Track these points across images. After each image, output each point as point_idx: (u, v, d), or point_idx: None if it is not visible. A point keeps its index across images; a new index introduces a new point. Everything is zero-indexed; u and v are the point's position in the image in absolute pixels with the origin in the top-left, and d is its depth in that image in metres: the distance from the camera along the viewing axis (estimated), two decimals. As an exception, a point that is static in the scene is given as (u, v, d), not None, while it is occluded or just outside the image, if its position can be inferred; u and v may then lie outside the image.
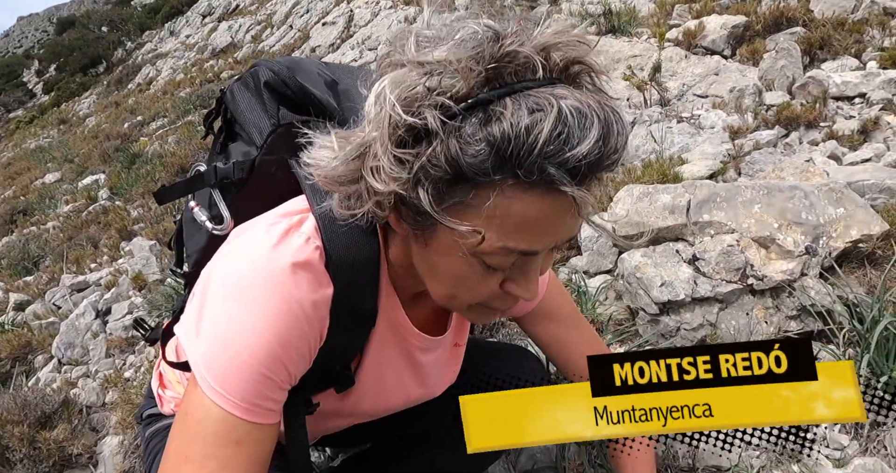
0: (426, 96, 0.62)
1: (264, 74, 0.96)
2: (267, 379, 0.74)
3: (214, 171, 0.94)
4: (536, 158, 0.61)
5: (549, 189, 0.63)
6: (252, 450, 0.76)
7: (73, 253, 4.19)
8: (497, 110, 0.61)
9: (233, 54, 12.39)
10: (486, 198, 0.64)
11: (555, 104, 0.60)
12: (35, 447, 1.91)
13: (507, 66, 0.62)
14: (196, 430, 0.74)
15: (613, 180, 2.77)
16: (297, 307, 0.75)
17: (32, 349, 2.79)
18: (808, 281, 1.75)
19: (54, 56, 32.07)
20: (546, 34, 0.64)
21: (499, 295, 0.78)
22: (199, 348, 0.75)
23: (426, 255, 0.76)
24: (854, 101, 3.07)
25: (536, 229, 0.68)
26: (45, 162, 9.44)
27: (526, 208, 0.65)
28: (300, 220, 0.80)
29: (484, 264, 0.72)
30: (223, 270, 0.77)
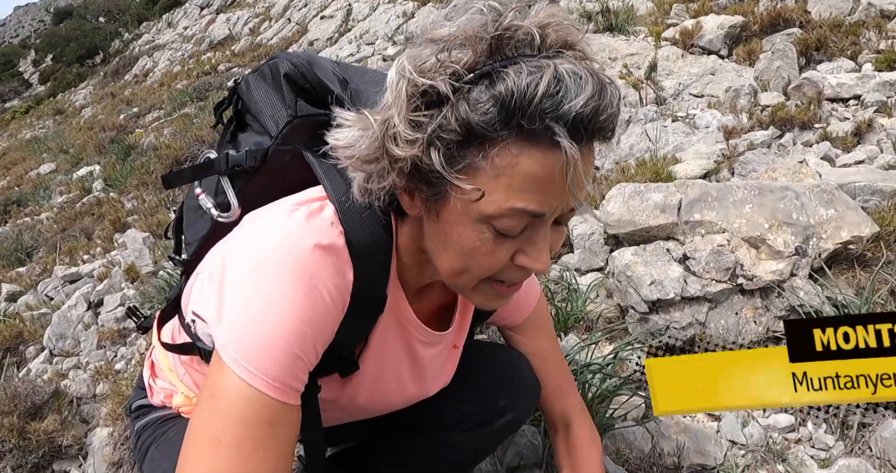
0: (438, 66, 0.68)
1: (284, 66, 0.97)
2: (298, 359, 0.76)
3: (226, 159, 0.94)
4: (537, 109, 0.66)
5: (551, 145, 0.68)
6: (284, 432, 0.77)
7: (66, 245, 4.18)
8: (502, 73, 0.67)
9: (230, 47, 12.34)
10: (494, 155, 0.69)
11: (552, 65, 0.67)
12: (25, 438, 1.91)
13: (509, 40, 0.68)
14: (228, 412, 0.74)
15: (607, 178, 2.78)
16: (324, 288, 0.77)
17: (24, 340, 2.79)
18: (797, 282, 1.76)
19: (51, 46, 31.88)
20: (542, 14, 0.70)
21: (509, 268, 0.79)
22: (227, 330, 0.76)
23: (438, 229, 0.78)
24: (849, 103, 3.08)
25: (542, 188, 0.71)
26: (41, 152, 9.40)
27: (531, 164, 0.69)
28: (320, 207, 0.82)
29: (494, 231, 0.74)
30: (245, 253, 0.78)
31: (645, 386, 1.71)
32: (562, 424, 1.22)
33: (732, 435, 1.55)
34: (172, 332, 1.07)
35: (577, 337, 1.89)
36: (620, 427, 1.55)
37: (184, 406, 1.08)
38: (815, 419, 1.54)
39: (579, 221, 2.28)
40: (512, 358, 1.20)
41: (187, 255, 1.08)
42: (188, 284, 1.01)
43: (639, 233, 2.01)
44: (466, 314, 1.08)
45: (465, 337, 1.11)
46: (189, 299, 0.98)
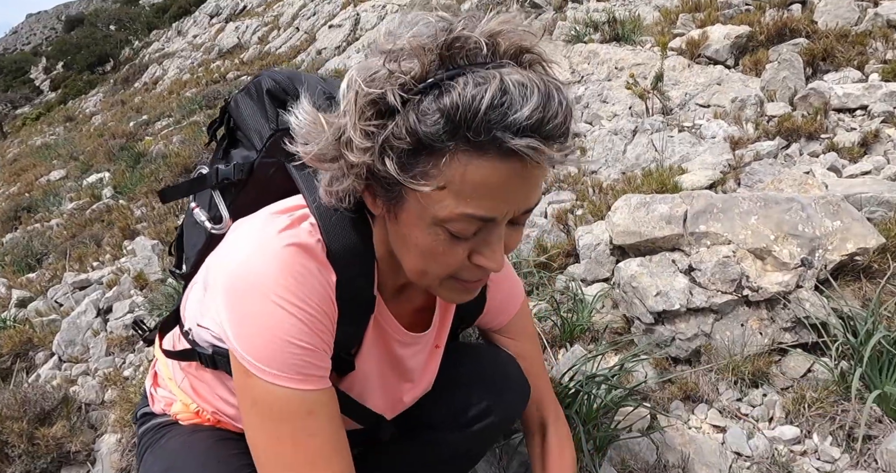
0: (388, 77, 0.70)
1: (266, 83, 1.04)
2: (306, 350, 0.81)
3: (216, 173, 1.01)
4: (482, 122, 0.67)
5: (499, 154, 0.70)
6: (325, 413, 0.84)
7: (75, 251, 4.22)
8: (449, 85, 0.69)
9: (239, 55, 12.44)
10: (444, 165, 0.71)
11: (498, 76, 0.68)
12: (34, 443, 1.92)
13: (459, 50, 0.70)
14: (270, 413, 0.81)
15: (613, 189, 2.79)
16: (307, 273, 0.81)
17: (33, 346, 2.81)
18: (803, 294, 1.76)
19: (62, 53, 32.22)
20: (493, 22, 0.71)
21: (467, 267, 0.82)
22: (238, 341, 0.81)
23: (398, 230, 0.81)
24: (855, 114, 3.07)
25: (491, 195, 0.73)
26: (51, 159, 9.49)
27: (479, 173, 0.71)
28: (301, 217, 0.87)
29: (448, 233, 0.77)
30: (232, 265, 0.83)
31: (650, 396, 1.71)
32: (537, 428, 1.24)
33: (738, 447, 1.54)
34: (173, 341, 1.12)
35: (582, 347, 1.89)
36: (625, 439, 1.55)
37: (181, 413, 1.12)
38: (820, 430, 1.54)
39: (585, 232, 2.29)
40: (498, 356, 1.22)
41: (187, 269, 1.13)
42: (185, 294, 1.07)
43: (644, 244, 2.02)
44: (447, 315, 1.10)
45: (447, 338, 1.13)
46: (186, 308, 1.03)
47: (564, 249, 2.37)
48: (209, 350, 0.95)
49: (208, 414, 1.09)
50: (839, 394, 1.58)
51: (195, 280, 1.02)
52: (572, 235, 2.43)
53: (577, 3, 5.57)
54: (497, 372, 1.17)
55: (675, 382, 1.74)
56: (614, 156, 3.22)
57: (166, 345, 1.13)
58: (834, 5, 3.89)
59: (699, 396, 1.71)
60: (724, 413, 1.66)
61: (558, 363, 1.85)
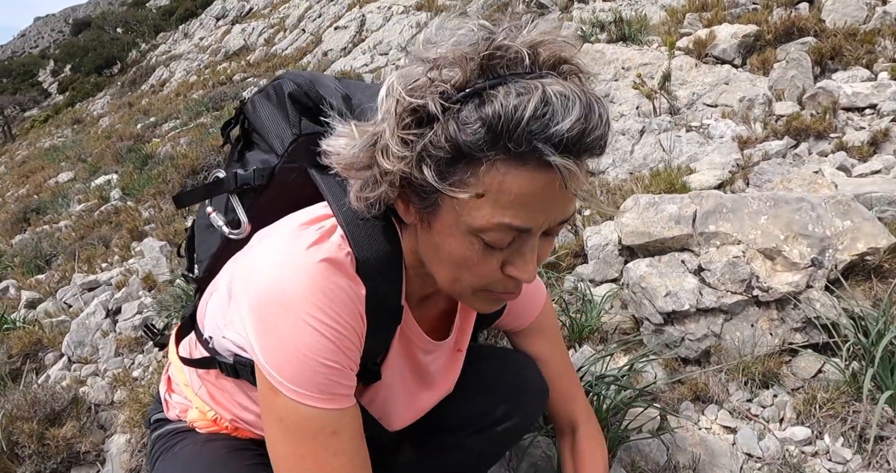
0: (429, 86, 0.70)
1: (288, 86, 1.01)
2: (337, 369, 0.81)
3: (235, 177, 0.99)
4: (523, 132, 0.67)
5: (538, 165, 0.69)
6: (348, 432, 0.84)
7: (84, 253, 4.24)
8: (490, 94, 0.68)
9: (245, 57, 12.49)
10: (483, 173, 0.71)
11: (540, 87, 0.67)
12: (44, 443, 1.93)
13: (500, 59, 0.69)
14: (296, 431, 0.82)
15: (621, 189, 2.78)
16: (338, 290, 0.80)
17: (43, 346, 2.82)
18: (813, 294, 1.75)
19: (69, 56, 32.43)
20: (534, 32, 0.71)
21: (499, 279, 0.81)
22: (267, 360, 0.80)
23: (431, 238, 0.80)
24: (864, 112, 3.06)
25: (528, 205, 0.73)
26: (59, 161, 9.55)
27: (518, 183, 0.71)
28: (329, 229, 0.85)
29: (482, 242, 0.76)
30: (261, 279, 0.81)
31: (660, 397, 1.70)
32: (568, 429, 1.23)
33: (748, 448, 1.54)
34: (189, 347, 1.10)
35: (591, 348, 1.89)
36: (635, 439, 1.55)
37: (198, 420, 1.10)
38: (832, 431, 1.53)
39: (594, 232, 2.28)
40: (517, 361, 1.21)
41: (199, 272, 1.12)
42: (203, 301, 1.04)
43: (653, 245, 2.01)
44: (468, 318, 1.10)
45: (468, 341, 1.12)
46: (205, 314, 1.01)
47: (573, 249, 2.36)
48: (230, 359, 0.93)
49: (226, 422, 1.07)
50: (850, 395, 1.57)
51: (213, 287, 1.00)
52: (581, 235, 2.42)
53: (583, 4, 5.57)
54: (515, 375, 1.17)
55: (684, 383, 1.73)
56: (622, 156, 3.21)
57: (182, 352, 1.11)
58: (842, 3, 3.87)
59: (709, 397, 1.70)
60: (734, 413, 1.66)
61: (567, 363, 1.84)
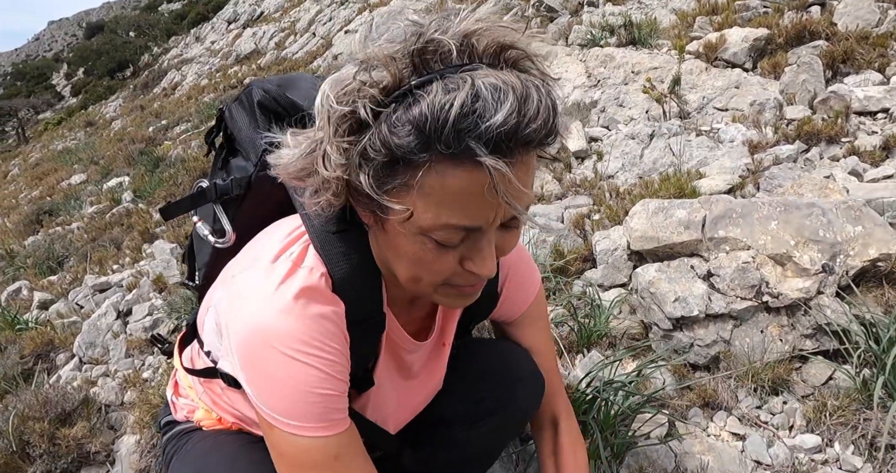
0: (359, 89, 0.67)
1: (256, 94, 1.02)
2: (329, 396, 0.82)
3: (215, 188, 1.00)
4: (452, 131, 0.64)
5: (473, 164, 0.66)
6: (350, 452, 0.85)
7: (96, 254, 4.28)
8: (419, 94, 0.65)
9: (256, 60, 12.57)
10: (420, 176, 0.68)
11: (469, 81, 0.64)
12: (55, 443, 1.95)
13: (432, 54, 0.66)
14: (299, 463, 0.83)
15: (630, 193, 2.78)
16: (319, 318, 0.80)
17: (54, 347, 2.85)
18: (824, 300, 1.73)
19: (83, 60, 32.77)
20: (468, 21, 0.67)
21: (459, 273, 0.80)
22: (260, 399, 0.82)
23: (387, 240, 0.79)
24: (877, 117, 3.03)
25: (470, 204, 0.70)
26: (72, 163, 9.64)
27: (456, 183, 0.68)
28: (301, 253, 0.84)
29: (434, 242, 0.74)
30: (239, 322, 0.82)
31: (668, 403, 1.70)
32: (548, 423, 1.21)
33: (758, 456, 1.52)
34: (192, 356, 1.11)
35: (599, 353, 1.88)
36: (643, 446, 1.54)
37: (205, 419, 1.12)
38: (842, 439, 1.52)
39: (602, 237, 2.28)
40: (509, 350, 1.19)
41: (199, 280, 1.13)
42: (201, 312, 1.06)
43: (662, 250, 2.00)
44: (451, 314, 1.09)
45: (453, 334, 1.11)
46: (203, 329, 1.02)
47: (581, 254, 2.36)
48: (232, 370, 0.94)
49: (229, 423, 1.10)
50: (861, 402, 1.56)
51: (209, 299, 1.02)
52: (589, 240, 2.42)
53: (593, 7, 5.56)
54: (508, 366, 1.16)
55: (693, 389, 1.72)
56: (631, 160, 3.20)
57: (185, 361, 1.13)
58: (854, 6, 3.84)
59: (718, 403, 1.69)
60: (743, 420, 1.64)
61: (575, 368, 1.84)
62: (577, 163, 3.40)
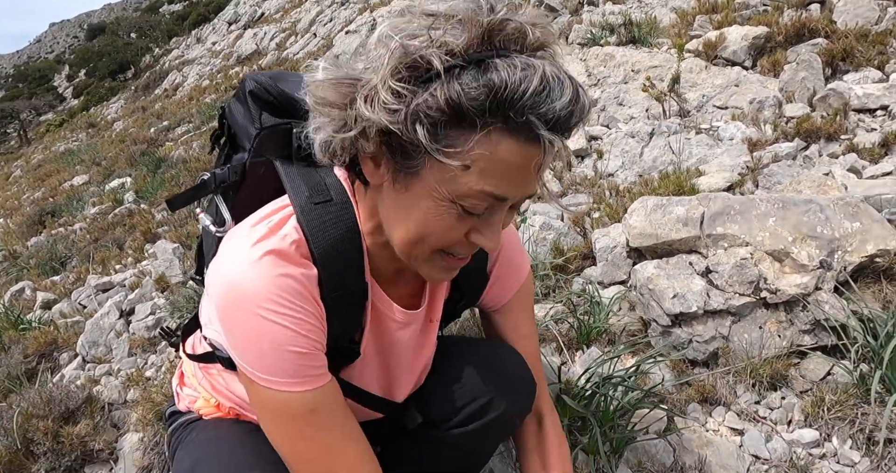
0: (431, 43, 0.70)
1: (249, 85, 1.06)
2: (297, 354, 0.85)
3: (214, 177, 1.04)
4: (525, 105, 0.70)
5: (528, 138, 0.72)
6: (327, 408, 0.89)
7: (98, 254, 4.29)
8: (493, 63, 0.70)
9: (257, 61, 12.59)
10: (475, 140, 0.72)
11: (539, 67, 0.71)
12: (59, 441, 1.97)
13: (500, 32, 0.71)
14: (278, 415, 0.88)
15: (630, 191, 2.78)
16: (286, 277, 0.84)
17: (58, 346, 2.87)
18: (822, 296, 1.74)
19: (84, 61, 32.84)
20: (530, 14, 0.74)
21: (462, 243, 0.84)
22: (237, 355, 0.87)
23: (403, 200, 0.81)
24: (876, 114, 3.04)
25: (510, 176, 0.76)
26: (74, 164, 9.67)
27: (507, 152, 0.73)
28: (280, 222, 0.88)
29: (460, 208, 0.78)
30: (218, 284, 0.86)
31: (667, 399, 1.71)
32: (533, 417, 1.21)
33: (756, 450, 1.54)
34: (194, 343, 1.16)
35: (599, 349, 1.89)
36: (642, 440, 1.55)
37: (204, 408, 1.16)
38: (840, 434, 1.53)
39: (602, 234, 2.29)
40: (497, 350, 1.19)
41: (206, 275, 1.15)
42: (202, 300, 1.10)
43: (661, 247, 2.02)
44: (438, 289, 1.10)
45: (440, 311, 1.12)
46: (202, 312, 1.06)
47: (581, 252, 2.37)
48: (227, 353, 0.97)
49: (226, 409, 1.13)
50: (859, 397, 1.57)
51: None
52: (589, 238, 2.43)
53: (593, 6, 5.57)
54: (497, 367, 1.16)
55: (692, 384, 1.73)
56: (631, 158, 3.21)
57: (188, 348, 1.17)
58: (853, 4, 3.85)
59: (717, 398, 1.70)
60: (741, 415, 1.65)
61: (575, 364, 1.85)
62: (577, 162, 3.41)
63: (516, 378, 1.16)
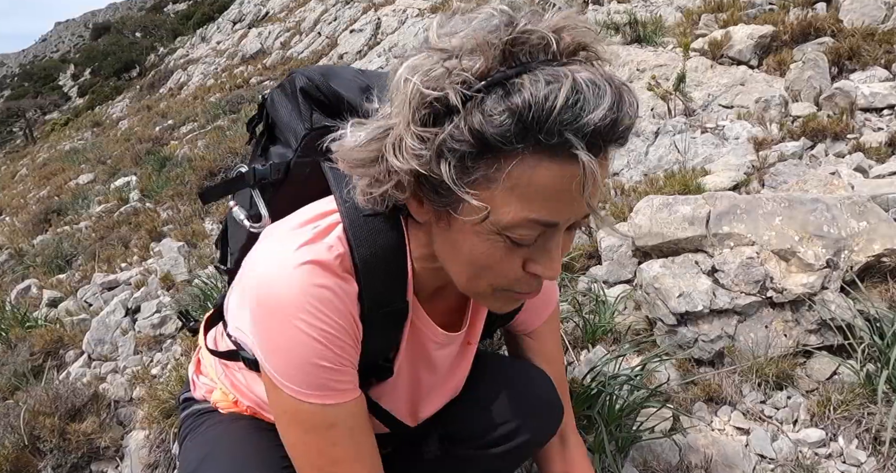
0: (447, 76, 0.66)
1: (300, 81, 1.03)
2: (324, 368, 0.82)
3: (254, 173, 1.00)
4: (555, 122, 0.64)
5: (567, 157, 0.66)
6: (347, 424, 0.87)
7: (104, 253, 4.31)
8: (516, 83, 0.64)
9: (262, 60, 12.61)
10: (509, 168, 0.67)
11: (570, 75, 0.64)
12: (65, 438, 1.98)
13: (523, 45, 0.66)
14: (296, 423, 0.87)
15: (635, 190, 2.78)
16: (324, 290, 0.80)
17: (64, 344, 2.88)
18: (828, 295, 1.74)
19: (89, 60, 32.94)
20: (556, 17, 0.68)
21: (522, 278, 0.79)
22: (266, 360, 0.84)
23: (449, 237, 0.78)
24: (882, 113, 3.03)
25: (556, 198, 0.69)
26: (79, 163, 9.70)
27: (547, 176, 0.67)
28: (326, 228, 0.84)
29: (508, 240, 0.73)
30: (255, 284, 0.83)
31: (673, 398, 1.70)
32: (557, 436, 1.19)
33: (761, 449, 1.53)
34: (215, 338, 1.13)
35: (604, 348, 1.89)
36: (648, 440, 1.55)
37: (221, 401, 1.14)
38: (846, 433, 1.52)
39: (607, 234, 2.28)
40: (529, 373, 1.17)
41: (231, 264, 1.14)
42: (228, 294, 1.07)
43: (667, 246, 2.01)
44: (480, 311, 1.08)
45: (479, 334, 1.10)
46: (228, 308, 1.04)
47: (586, 251, 2.36)
48: (252, 354, 0.95)
49: (244, 407, 1.11)
50: (865, 397, 1.56)
51: (236, 280, 1.02)
52: (594, 237, 2.43)
53: (598, 5, 5.56)
54: (527, 391, 1.14)
55: (697, 384, 1.73)
56: (636, 157, 3.21)
57: (210, 343, 1.14)
58: (860, 3, 3.83)
59: (722, 398, 1.69)
60: (747, 415, 1.65)
61: (580, 363, 1.85)
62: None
63: (546, 403, 1.14)
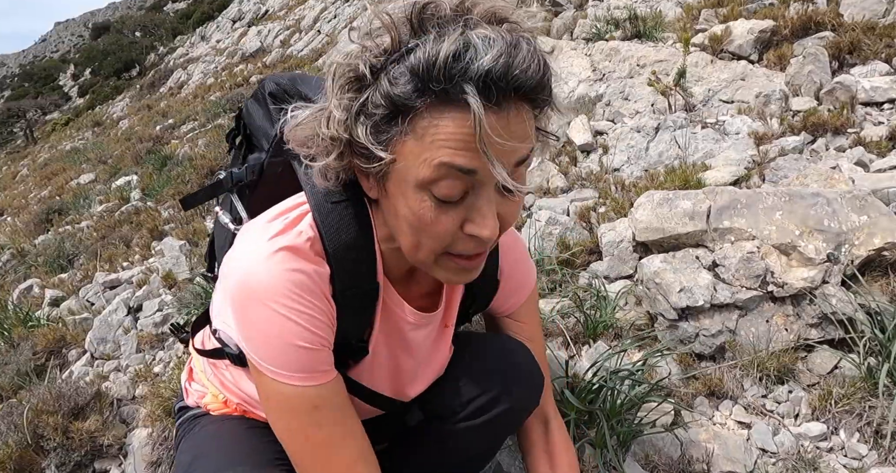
0: (361, 52, 0.74)
1: (269, 86, 1.08)
2: (304, 350, 0.86)
3: (231, 176, 1.06)
4: (442, 71, 0.68)
5: (465, 105, 0.69)
6: (330, 405, 0.90)
7: (106, 252, 4.31)
8: (416, 48, 0.70)
9: (262, 59, 12.59)
10: (417, 122, 0.72)
11: (460, 29, 0.69)
12: (68, 436, 1.98)
13: (430, 17, 0.71)
14: (282, 407, 0.90)
15: (636, 186, 2.78)
16: (298, 273, 0.84)
17: (66, 343, 2.88)
18: (829, 289, 1.74)
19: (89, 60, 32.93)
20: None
21: (460, 238, 0.81)
22: (248, 346, 0.88)
23: (390, 207, 0.82)
24: (883, 107, 3.02)
25: (465, 144, 0.72)
26: (80, 163, 9.71)
27: (450, 125, 0.71)
28: (296, 218, 0.89)
29: (434, 198, 0.76)
30: (233, 275, 0.87)
31: (674, 393, 1.71)
32: (539, 419, 1.21)
33: (763, 443, 1.53)
34: (203, 339, 1.17)
35: (606, 344, 1.89)
36: (649, 434, 1.55)
37: (211, 403, 1.18)
38: (847, 427, 1.52)
39: (608, 229, 2.29)
40: (505, 344, 1.19)
41: (217, 272, 1.16)
42: (214, 294, 1.10)
43: (668, 241, 2.01)
44: (455, 293, 1.10)
45: (455, 316, 1.12)
46: (214, 306, 1.07)
47: (587, 246, 2.37)
48: (236, 349, 0.99)
49: (234, 405, 1.14)
50: (866, 391, 1.57)
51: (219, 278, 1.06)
52: (595, 232, 2.43)
53: (598, 1, 5.54)
54: (505, 361, 1.15)
55: (699, 378, 1.73)
56: (637, 153, 3.20)
57: (198, 344, 1.18)
58: (861, -2, 3.82)
59: (724, 392, 1.70)
60: (749, 409, 1.65)
61: (582, 359, 1.85)
62: (583, 157, 3.41)
63: (525, 371, 1.15)
